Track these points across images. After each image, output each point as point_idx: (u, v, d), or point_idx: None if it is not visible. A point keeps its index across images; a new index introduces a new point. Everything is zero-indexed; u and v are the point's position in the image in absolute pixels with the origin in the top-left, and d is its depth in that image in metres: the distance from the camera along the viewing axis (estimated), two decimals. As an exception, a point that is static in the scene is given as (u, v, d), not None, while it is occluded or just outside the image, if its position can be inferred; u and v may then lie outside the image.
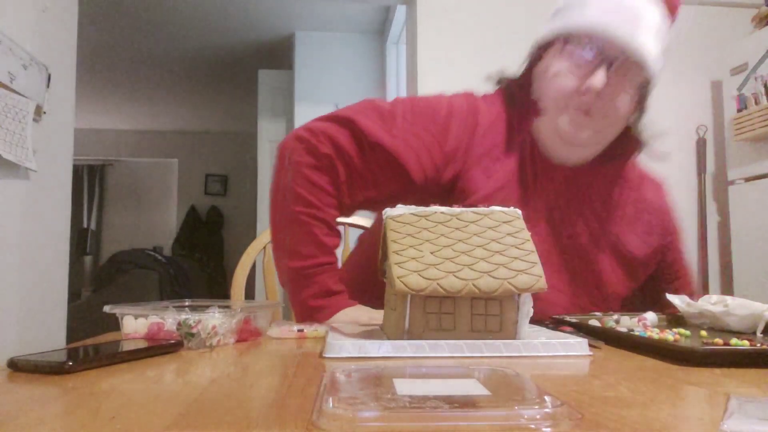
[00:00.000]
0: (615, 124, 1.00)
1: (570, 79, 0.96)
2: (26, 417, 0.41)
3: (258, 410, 0.42)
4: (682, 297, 0.94)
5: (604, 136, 1.01)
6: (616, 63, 0.93)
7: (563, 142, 1.00)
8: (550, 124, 1.00)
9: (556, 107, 0.98)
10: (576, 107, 0.96)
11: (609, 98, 0.95)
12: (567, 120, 0.97)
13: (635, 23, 0.94)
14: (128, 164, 7.03)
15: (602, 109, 0.96)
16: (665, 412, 0.41)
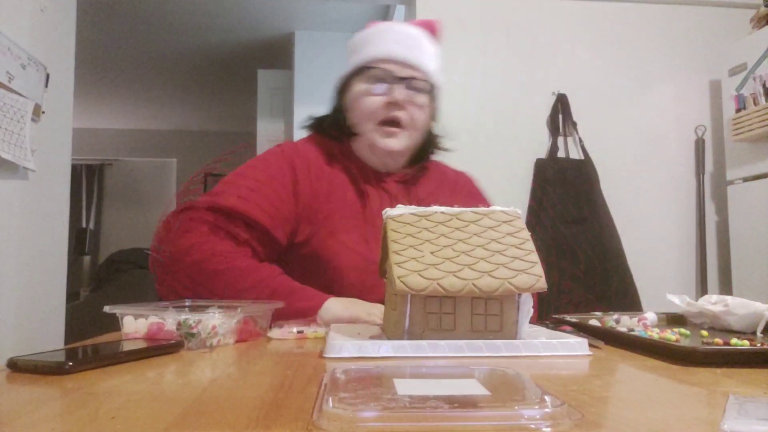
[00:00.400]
0: (421, 131, 1.20)
1: (375, 99, 1.14)
2: (26, 417, 0.41)
3: (258, 410, 0.42)
4: (682, 297, 0.94)
5: (414, 141, 1.20)
6: (408, 81, 1.14)
7: (381, 152, 1.17)
8: (366, 141, 1.18)
9: (369, 123, 1.16)
10: (385, 120, 1.14)
11: (411, 109, 1.15)
12: (381, 133, 1.15)
13: (418, 48, 1.18)
14: (127, 164, 7.02)
15: (409, 119, 1.16)
16: (665, 412, 0.41)
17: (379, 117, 1.14)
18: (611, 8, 2.73)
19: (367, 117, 1.16)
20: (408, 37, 1.18)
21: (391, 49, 1.15)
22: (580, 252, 2.44)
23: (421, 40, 1.20)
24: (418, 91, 1.16)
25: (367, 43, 1.19)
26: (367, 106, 1.15)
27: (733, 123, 2.37)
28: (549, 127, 2.63)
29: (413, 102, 1.15)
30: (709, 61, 2.69)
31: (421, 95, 1.16)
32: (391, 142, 1.15)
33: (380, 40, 1.18)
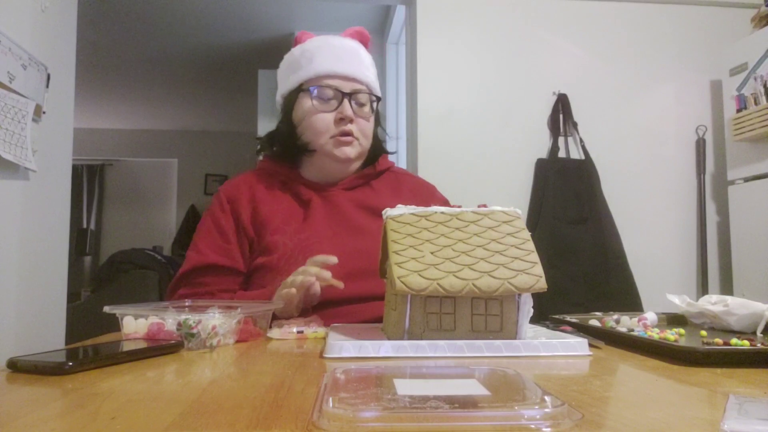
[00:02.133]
0: (369, 139, 1.28)
1: (326, 115, 1.22)
2: (26, 417, 0.41)
3: (258, 410, 0.42)
4: (682, 297, 0.94)
5: (364, 149, 1.27)
6: (354, 95, 1.22)
7: (338, 163, 1.24)
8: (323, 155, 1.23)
9: (323, 139, 1.22)
10: (339, 134, 1.21)
11: (359, 121, 1.23)
12: (336, 144, 1.22)
13: (357, 61, 1.25)
14: (128, 164, 7.03)
15: (360, 130, 1.23)
16: (665, 412, 0.41)
17: (332, 132, 1.22)
18: (612, 8, 2.73)
19: (319, 134, 1.22)
20: (347, 51, 1.25)
21: (335, 65, 1.22)
22: (580, 252, 2.44)
23: (358, 51, 1.27)
24: (363, 104, 1.24)
25: (308, 59, 1.24)
26: (319, 125, 1.22)
27: (734, 123, 2.37)
28: (550, 127, 2.62)
29: (360, 114, 1.23)
30: (710, 61, 2.69)
31: (365, 107, 1.25)
32: (347, 150, 1.22)
33: (321, 55, 1.24)
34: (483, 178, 2.50)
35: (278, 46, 4.27)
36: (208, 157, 6.95)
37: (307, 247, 1.14)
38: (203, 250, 1.19)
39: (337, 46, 1.26)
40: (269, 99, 4.26)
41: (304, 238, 1.17)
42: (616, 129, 2.66)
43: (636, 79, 2.70)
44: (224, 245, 1.19)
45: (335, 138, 1.22)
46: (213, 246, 1.19)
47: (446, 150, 2.50)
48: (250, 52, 4.46)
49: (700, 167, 2.66)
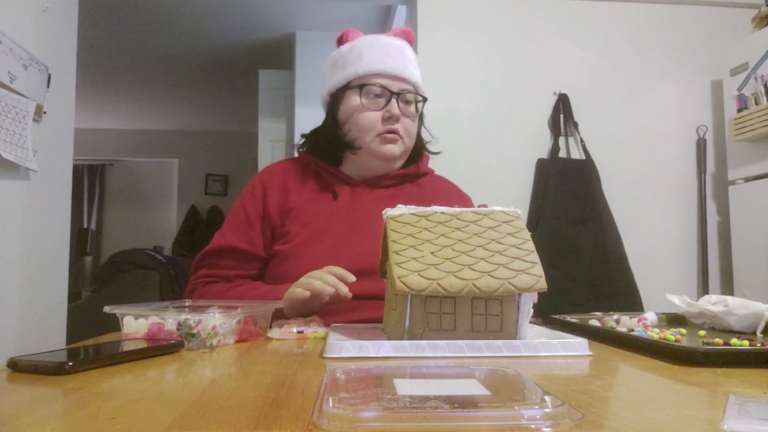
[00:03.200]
0: (414, 138, 1.28)
1: (373, 113, 1.22)
2: (27, 417, 0.41)
3: (258, 410, 0.42)
4: (682, 297, 0.94)
5: (408, 149, 1.28)
6: (401, 94, 1.22)
7: (382, 160, 1.24)
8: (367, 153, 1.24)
9: (369, 136, 1.22)
10: (385, 132, 1.22)
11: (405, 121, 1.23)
12: (382, 141, 1.22)
13: (405, 60, 1.25)
14: (128, 164, 7.03)
15: (405, 129, 1.24)
16: (665, 412, 0.41)
17: (378, 130, 1.22)
18: (612, 8, 2.73)
19: (366, 131, 1.22)
20: (396, 50, 1.25)
21: (384, 63, 1.23)
22: (581, 252, 2.43)
23: (405, 51, 1.27)
24: (409, 103, 1.25)
25: (357, 56, 1.24)
26: (367, 122, 1.22)
27: (735, 123, 2.37)
28: (550, 127, 2.62)
29: (406, 114, 1.24)
30: (711, 60, 2.68)
31: (411, 106, 1.25)
32: (392, 147, 1.23)
33: (371, 53, 1.24)
34: (483, 178, 2.50)
35: (278, 46, 4.27)
36: (209, 157, 6.96)
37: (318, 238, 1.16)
38: (226, 233, 1.23)
39: (387, 44, 1.26)
40: (270, 99, 4.28)
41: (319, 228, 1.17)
42: (616, 129, 2.66)
43: (637, 79, 2.70)
44: (247, 230, 1.22)
45: (381, 136, 1.22)
46: (236, 230, 1.23)
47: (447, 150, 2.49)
48: (251, 53, 4.46)
49: (700, 167, 2.66)
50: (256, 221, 1.23)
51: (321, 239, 1.16)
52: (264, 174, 1.30)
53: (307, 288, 0.94)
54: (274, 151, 4.15)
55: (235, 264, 1.21)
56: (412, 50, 1.30)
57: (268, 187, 1.25)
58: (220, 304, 0.85)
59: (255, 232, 1.22)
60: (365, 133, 1.22)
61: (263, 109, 4.27)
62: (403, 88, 1.23)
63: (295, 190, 1.25)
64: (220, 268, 1.21)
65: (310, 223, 1.19)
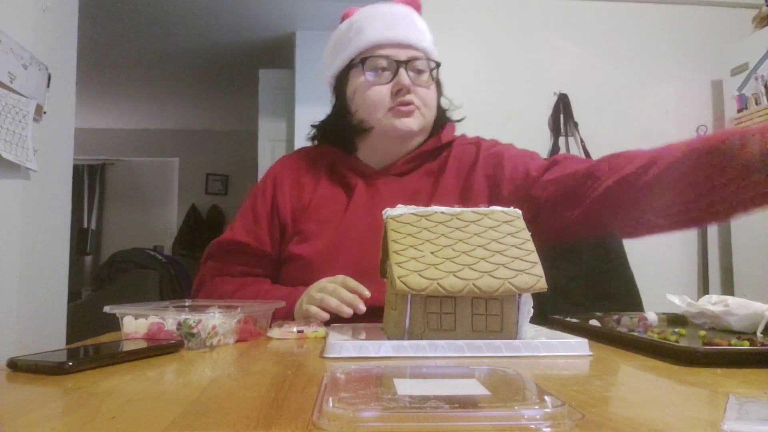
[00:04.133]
0: (432, 108, 1.17)
1: (381, 88, 1.11)
2: (26, 417, 0.41)
3: (258, 410, 0.42)
4: (682, 297, 0.94)
5: (427, 121, 1.17)
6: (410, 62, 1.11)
7: (399, 137, 1.14)
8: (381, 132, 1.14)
9: (380, 112, 1.12)
10: (398, 106, 1.11)
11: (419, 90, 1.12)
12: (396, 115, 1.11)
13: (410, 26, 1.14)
14: (129, 164, 7.03)
15: (420, 99, 1.12)
16: (665, 412, 0.41)
17: (387, 106, 1.11)
18: (612, 8, 2.73)
19: (375, 108, 1.12)
20: (398, 17, 1.14)
21: (386, 32, 1.11)
22: (581, 252, 2.43)
23: (411, 16, 1.16)
24: (421, 71, 1.13)
25: (356, 32, 1.13)
26: (374, 98, 1.11)
27: (735, 123, 2.37)
28: (550, 127, 2.62)
29: (419, 83, 1.12)
30: (711, 60, 2.69)
31: (424, 74, 1.14)
32: (408, 121, 1.12)
33: (371, 25, 1.12)
34: (483, 177, 2.50)
35: (279, 46, 4.27)
36: (209, 157, 6.96)
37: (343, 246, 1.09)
38: (236, 227, 1.20)
39: (387, 13, 1.14)
40: (270, 98, 4.28)
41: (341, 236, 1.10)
42: (616, 129, 2.66)
43: (637, 79, 2.70)
44: (254, 227, 1.18)
45: (394, 109, 1.11)
46: (245, 225, 1.19)
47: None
48: (251, 52, 4.46)
49: (700, 167, 2.66)
50: (264, 219, 1.18)
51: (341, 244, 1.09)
52: (277, 168, 1.24)
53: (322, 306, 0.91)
54: (274, 151, 4.15)
55: (244, 260, 1.18)
56: (418, 16, 1.18)
57: (279, 184, 1.20)
58: (220, 304, 0.85)
59: (262, 231, 1.17)
60: (375, 109, 1.12)
61: (263, 108, 4.27)
62: (411, 55, 1.11)
63: (309, 186, 1.18)
64: (229, 263, 1.18)
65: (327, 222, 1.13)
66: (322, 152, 1.23)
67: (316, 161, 1.22)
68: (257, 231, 1.18)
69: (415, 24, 1.15)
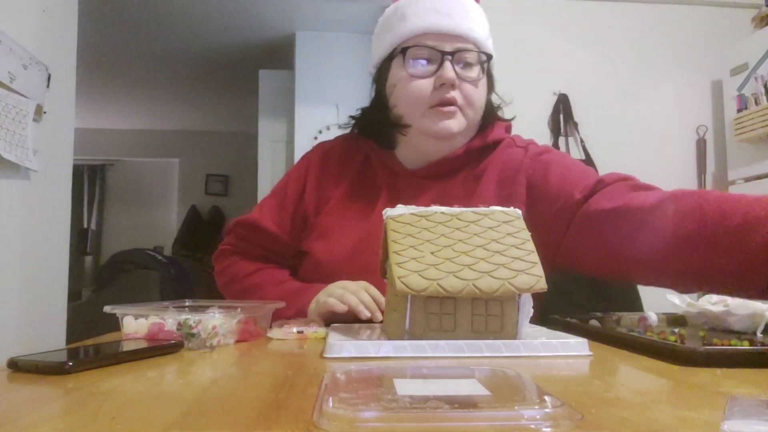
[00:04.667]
0: (478, 108, 1.05)
1: (422, 82, 1.00)
2: (26, 417, 0.41)
3: (258, 410, 0.42)
4: (682, 297, 0.94)
5: (471, 121, 1.05)
6: (457, 54, 1.00)
7: (438, 139, 1.04)
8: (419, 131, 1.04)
9: (419, 110, 1.02)
10: (438, 103, 1.00)
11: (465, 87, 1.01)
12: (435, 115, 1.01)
13: (461, 13, 1.02)
14: (129, 164, 7.03)
15: (465, 97, 1.01)
16: (665, 413, 0.41)
17: (430, 101, 1.01)
18: (612, 8, 2.73)
19: (414, 104, 1.02)
20: (447, 2, 1.02)
21: (432, 19, 1.00)
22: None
23: (463, 2, 1.04)
24: (470, 65, 1.03)
25: (400, 18, 1.02)
26: (414, 93, 1.01)
27: (735, 123, 2.37)
28: (550, 127, 2.63)
29: (465, 78, 1.02)
30: (711, 61, 2.69)
31: (473, 69, 1.03)
32: (449, 123, 1.01)
33: (415, 11, 1.01)
34: (483, 178, 2.50)
35: (280, 46, 4.28)
36: (210, 157, 6.96)
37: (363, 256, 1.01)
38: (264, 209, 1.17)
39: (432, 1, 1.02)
40: (270, 99, 4.28)
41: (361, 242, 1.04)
42: (616, 129, 2.66)
43: (637, 79, 2.70)
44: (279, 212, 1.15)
45: (434, 108, 1.00)
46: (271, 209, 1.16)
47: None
48: (251, 52, 4.46)
49: (701, 167, 2.66)
50: (290, 205, 1.14)
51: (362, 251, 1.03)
52: (312, 155, 1.18)
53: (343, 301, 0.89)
54: (274, 151, 4.15)
55: (264, 243, 1.15)
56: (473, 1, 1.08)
57: (312, 172, 1.14)
58: (220, 304, 0.85)
59: (286, 217, 1.14)
60: (414, 106, 1.02)
61: (263, 109, 4.27)
62: (459, 47, 1.00)
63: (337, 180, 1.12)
64: (249, 243, 1.17)
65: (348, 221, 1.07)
66: (358, 145, 1.15)
67: (351, 154, 1.15)
68: (282, 217, 1.14)
69: (467, 11, 1.04)
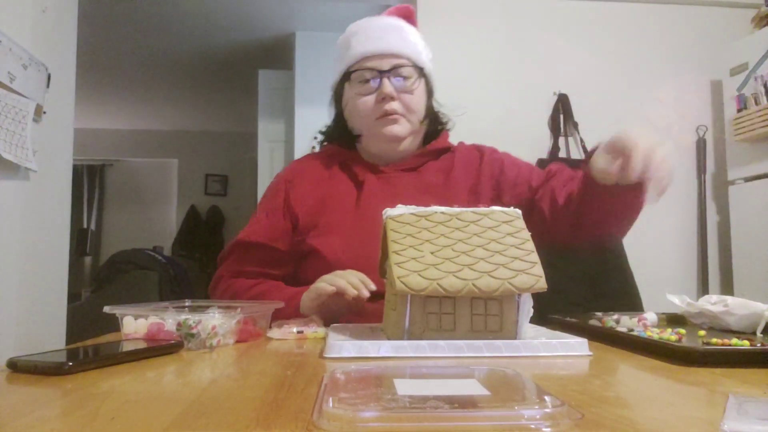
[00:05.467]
0: (419, 114, 1.22)
1: (367, 98, 1.19)
2: (26, 417, 0.41)
3: (258, 410, 0.42)
4: (682, 297, 0.94)
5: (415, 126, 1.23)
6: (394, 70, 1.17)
7: (387, 142, 1.21)
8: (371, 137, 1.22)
9: (368, 122, 1.20)
10: (382, 115, 1.18)
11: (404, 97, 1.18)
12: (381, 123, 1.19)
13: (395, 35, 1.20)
14: (128, 164, 7.03)
15: (405, 106, 1.19)
16: (665, 412, 0.41)
17: (375, 114, 1.19)
18: (612, 8, 2.73)
19: (363, 118, 1.20)
20: (383, 29, 1.22)
21: (370, 45, 1.19)
22: (580, 252, 2.43)
23: (397, 25, 1.23)
24: (406, 78, 1.19)
25: (346, 47, 1.23)
26: (361, 108, 1.20)
27: (735, 123, 2.37)
28: (550, 127, 2.62)
29: (404, 89, 1.19)
30: (710, 61, 2.69)
31: (409, 80, 1.20)
32: (394, 128, 1.19)
33: (357, 40, 1.21)
34: (483, 178, 2.50)
35: (278, 46, 4.27)
36: (209, 158, 6.96)
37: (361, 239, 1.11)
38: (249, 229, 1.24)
39: (372, 26, 1.23)
40: (269, 99, 4.28)
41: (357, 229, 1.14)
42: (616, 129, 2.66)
43: (637, 79, 2.70)
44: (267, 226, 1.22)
45: (380, 119, 1.19)
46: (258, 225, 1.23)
47: (446, 150, 2.50)
48: (251, 52, 4.46)
49: (700, 167, 2.66)
50: (276, 216, 1.22)
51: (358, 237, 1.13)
52: (287, 171, 1.31)
53: (332, 283, 0.94)
54: (273, 152, 4.15)
55: (259, 260, 1.20)
56: (407, 24, 1.25)
57: (292, 182, 1.25)
58: (219, 304, 0.85)
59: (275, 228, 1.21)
60: (362, 119, 1.21)
61: (263, 109, 4.27)
62: (395, 63, 1.18)
63: (323, 181, 1.24)
64: (244, 264, 1.21)
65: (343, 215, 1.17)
66: (331, 152, 1.30)
67: (327, 160, 1.28)
68: (270, 229, 1.22)
69: (401, 32, 1.22)
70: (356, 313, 1.00)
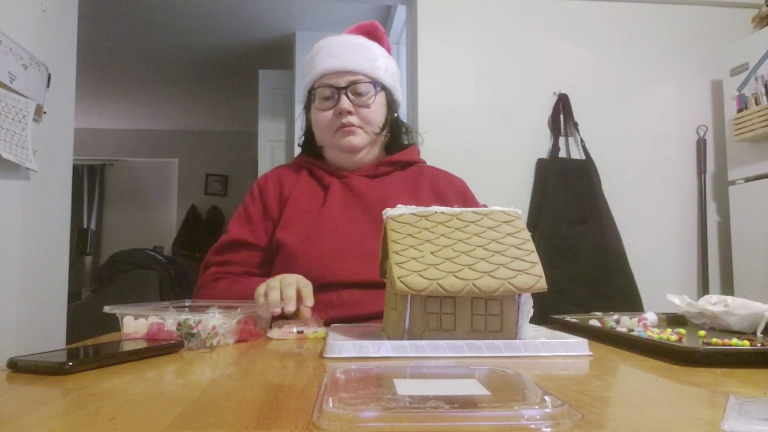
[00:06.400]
0: (376, 125, 1.30)
1: (327, 113, 1.28)
2: (26, 417, 0.41)
3: (258, 410, 0.42)
4: (682, 297, 0.94)
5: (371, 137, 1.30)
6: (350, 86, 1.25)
7: (346, 152, 1.30)
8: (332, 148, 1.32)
9: (328, 134, 1.29)
10: (340, 128, 1.26)
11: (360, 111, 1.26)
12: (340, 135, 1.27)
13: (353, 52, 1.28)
14: (128, 164, 7.03)
15: (362, 119, 1.27)
16: (665, 412, 0.41)
17: (333, 127, 1.28)
18: (612, 8, 2.73)
19: (324, 130, 1.30)
20: (343, 47, 1.29)
21: (328, 63, 1.27)
22: (581, 252, 2.43)
23: (356, 43, 1.31)
24: (362, 93, 1.27)
25: (310, 66, 1.31)
26: (321, 122, 1.29)
27: (735, 123, 2.37)
28: (550, 127, 2.62)
29: (361, 104, 1.27)
30: (711, 60, 2.68)
31: (366, 95, 1.27)
32: (351, 139, 1.27)
33: (319, 58, 1.29)
34: (483, 178, 2.49)
35: (278, 46, 4.27)
36: (209, 157, 6.96)
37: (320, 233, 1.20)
38: (230, 231, 1.30)
39: (333, 45, 1.30)
40: (269, 99, 4.28)
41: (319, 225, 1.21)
42: (616, 129, 2.66)
43: (636, 79, 2.70)
44: (247, 224, 1.29)
45: (338, 130, 1.27)
46: (239, 224, 1.30)
47: (446, 150, 2.50)
48: (251, 52, 4.46)
49: (700, 167, 2.66)
50: (256, 215, 1.29)
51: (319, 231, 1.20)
52: (260, 179, 1.38)
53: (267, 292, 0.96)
54: (273, 151, 4.15)
55: (243, 258, 1.25)
56: (368, 41, 1.32)
57: (265, 187, 1.33)
58: (220, 304, 0.85)
59: (256, 226, 1.28)
60: (323, 132, 1.30)
61: (263, 109, 4.27)
62: (351, 80, 1.26)
63: (290, 184, 1.32)
64: (227, 265, 1.26)
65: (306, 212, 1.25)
66: (299, 162, 1.38)
67: (296, 169, 1.37)
68: (251, 227, 1.28)
69: (360, 49, 1.29)
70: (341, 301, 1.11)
